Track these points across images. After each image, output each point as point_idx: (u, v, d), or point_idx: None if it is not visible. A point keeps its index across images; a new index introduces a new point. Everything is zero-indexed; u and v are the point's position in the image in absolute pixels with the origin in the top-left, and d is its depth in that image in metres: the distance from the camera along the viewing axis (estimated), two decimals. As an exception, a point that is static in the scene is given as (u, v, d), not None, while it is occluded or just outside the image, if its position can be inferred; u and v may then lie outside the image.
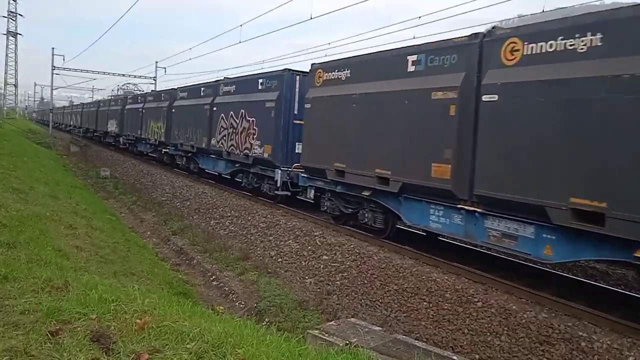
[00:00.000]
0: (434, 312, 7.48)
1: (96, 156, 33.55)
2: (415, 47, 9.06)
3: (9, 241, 6.11)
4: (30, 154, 23.08)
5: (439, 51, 8.45)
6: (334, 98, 10.91)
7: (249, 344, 3.36)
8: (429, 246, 9.87)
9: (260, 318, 8.31)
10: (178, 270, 11.24)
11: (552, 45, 6.66)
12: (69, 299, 3.81)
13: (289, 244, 11.20)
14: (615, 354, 5.67)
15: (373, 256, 9.26)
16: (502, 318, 6.75)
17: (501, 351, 6.45)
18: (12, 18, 72.61)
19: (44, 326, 3.22)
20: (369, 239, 10.30)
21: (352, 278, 9.05)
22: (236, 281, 10.12)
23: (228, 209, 14.71)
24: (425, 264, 8.71)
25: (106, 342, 3.07)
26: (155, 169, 23.73)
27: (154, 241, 13.87)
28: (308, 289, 9.37)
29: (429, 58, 8.63)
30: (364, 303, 8.43)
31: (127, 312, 3.64)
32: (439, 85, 8.27)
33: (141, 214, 17.15)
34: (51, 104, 56.60)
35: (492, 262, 9.28)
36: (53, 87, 49.21)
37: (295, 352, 3.59)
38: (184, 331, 3.39)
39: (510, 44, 7.26)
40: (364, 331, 5.74)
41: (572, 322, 6.35)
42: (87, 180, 24.70)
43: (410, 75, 8.97)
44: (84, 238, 9.00)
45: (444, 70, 8.31)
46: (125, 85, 56.67)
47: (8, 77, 76.96)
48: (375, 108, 9.71)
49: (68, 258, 6.72)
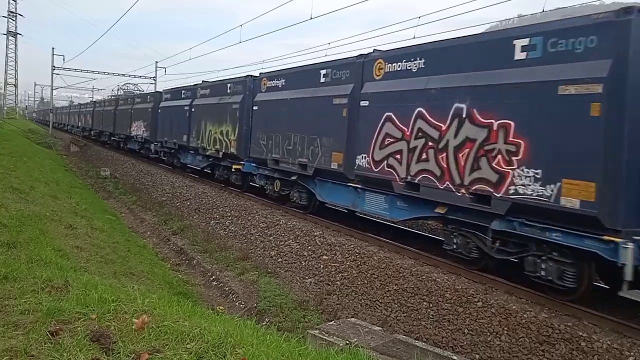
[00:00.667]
0: (434, 312, 7.47)
1: (96, 156, 33.55)
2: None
3: (9, 241, 6.11)
4: (30, 154, 23.09)
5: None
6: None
7: (249, 344, 3.36)
8: (429, 246, 9.88)
9: (260, 318, 8.31)
10: (178, 270, 11.24)
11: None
12: (69, 299, 3.80)
13: (289, 244, 11.20)
14: (615, 354, 5.67)
15: (373, 256, 9.26)
16: (502, 318, 6.75)
17: (501, 351, 6.45)
18: (12, 18, 72.67)
19: (44, 326, 3.22)
20: (369, 239, 10.30)
21: (352, 278, 9.05)
22: (236, 281, 10.11)
23: (228, 209, 14.71)
24: (425, 264, 8.71)
25: (106, 342, 3.07)
26: (155, 168, 23.74)
27: (154, 241, 13.87)
28: (308, 289, 9.37)
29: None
30: (364, 303, 8.43)
31: (127, 312, 3.64)
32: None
33: (141, 214, 17.15)
34: (51, 104, 56.63)
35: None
36: (53, 87, 49.26)
37: (295, 352, 3.59)
38: (184, 331, 3.39)
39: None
40: (364, 331, 5.74)
41: (572, 322, 6.35)
42: (87, 180, 24.72)
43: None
44: (84, 238, 9.00)
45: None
46: (126, 85, 56.68)
47: (8, 77, 77.02)
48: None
49: (68, 258, 6.71)
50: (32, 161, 19.66)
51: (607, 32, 6.18)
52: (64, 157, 33.49)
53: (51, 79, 46.35)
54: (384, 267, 8.81)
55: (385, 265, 8.84)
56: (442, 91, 8.24)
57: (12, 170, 13.91)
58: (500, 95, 7.23)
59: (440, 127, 8.23)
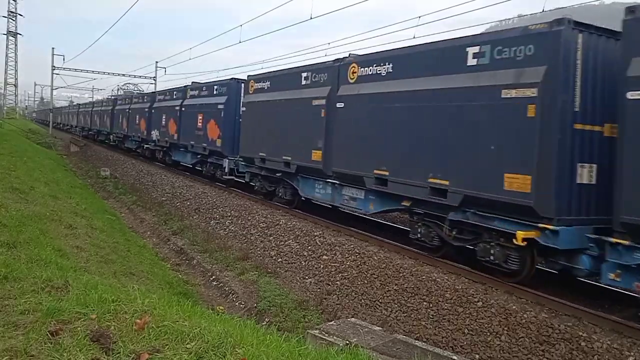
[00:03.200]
0: (434, 312, 7.47)
1: (96, 156, 33.54)
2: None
3: (9, 241, 6.11)
4: (30, 153, 23.06)
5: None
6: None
7: (249, 344, 3.36)
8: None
9: (260, 318, 8.31)
10: (178, 270, 11.24)
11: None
12: (69, 299, 3.80)
13: (289, 244, 11.20)
14: (615, 354, 5.67)
15: (373, 256, 9.26)
16: (502, 318, 6.75)
17: (501, 351, 6.45)
18: (12, 18, 72.64)
19: (44, 326, 3.22)
20: (369, 239, 10.31)
21: (352, 278, 9.05)
22: (236, 281, 10.11)
23: (228, 209, 14.71)
24: (425, 264, 8.71)
25: (106, 342, 3.07)
26: (155, 168, 23.74)
27: (154, 241, 13.87)
28: (308, 289, 9.37)
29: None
30: (364, 303, 8.43)
31: (127, 312, 3.63)
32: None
33: (141, 214, 17.15)
34: (51, 104, 56.62)
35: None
36: (53, 87, 49.23)
37: (295, 352, 3.59)
38: (184, 331, 3.38)
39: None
40: (364, 331, 5.75)
41: (572, 322, 6.35)
42: (87, 180, 24.70)
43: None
44: (84, 238, 9.00)
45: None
46: (125, 85, 56.65)
47: (8, 77, 77.00)
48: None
49: (68, 258, 6.71)
50: (32, 161, 19.64)
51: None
52: (63, 157, 33.47)
53: (51, 79, 46.32)
54: (384, 267, 8.81)
55: (385, 265, 8.84)
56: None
57: (12, 170, 13.89)
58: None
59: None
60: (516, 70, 7.10)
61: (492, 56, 7.49)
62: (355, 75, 10.44)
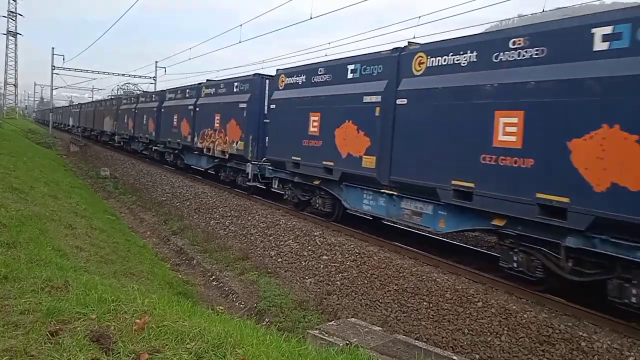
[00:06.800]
0: (434, 312, 7.47)
1: (96, 156, 33.54)
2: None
3: (9, 241, 6.10)
4: (30, 153, 23.06)
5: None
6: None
7: (249, 344, 3.36)
8: (429, 246, 9.87)
9: (260, 318, 8.31)
10: (178, 270, 11.24)
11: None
12: (69, 299, 3.80)
13: (289, 244, 11.20)
14: (615, 354, 5.67)
15: (373, 256, 9.26)
16: (502, 318, 6.75)
17: (501, 351, 6.44)
18: (12, 18, 72.75)
19: (44, 326, 3.22)
20: (369, 239, 10.30)
21: (352, 278, 9.05)
22: (236, 281, 10.11)
23: (228, 209, 14.71)
24: (425, 264, 8.71)
25: (106, 342, 3.07)
26: (155, 169, 23.73)
27: (154, 241, 13.86)
28: (308, 289, 9.37)
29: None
30: (364, 303, 8.43)
31: (127, 312, 3.63)
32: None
33: (141, 214, 17.15)
34: (51, 104, 56.55)
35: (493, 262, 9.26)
36: (53, 87, 49.21)
37: (295, 352, 3.59)
38: (184, 331, 3.38)
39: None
40: (364, 331, 5.74)
41: (572, 322, 6.35)
42: (87, 180, 24.70)
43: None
44: (83, 238, 8.99)
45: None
46: (125, 85, 56.66)
47: (8, 77, 77.05)
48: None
49: (68, 258, 6.71)
50: (32, 161, 19.64)
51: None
52: (63, 157, 33.46)
53: (51, 79, 46.28)
54: (384, 267, 8.81)
55: (385, 265, 8.84)
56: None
57: (12, 170, 13.88)
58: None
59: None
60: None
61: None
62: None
